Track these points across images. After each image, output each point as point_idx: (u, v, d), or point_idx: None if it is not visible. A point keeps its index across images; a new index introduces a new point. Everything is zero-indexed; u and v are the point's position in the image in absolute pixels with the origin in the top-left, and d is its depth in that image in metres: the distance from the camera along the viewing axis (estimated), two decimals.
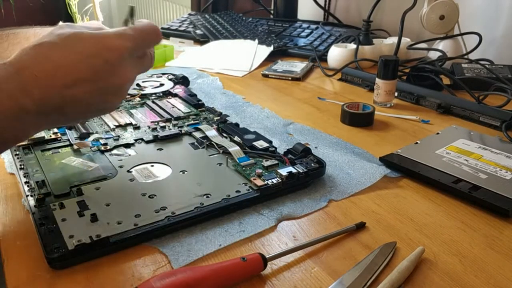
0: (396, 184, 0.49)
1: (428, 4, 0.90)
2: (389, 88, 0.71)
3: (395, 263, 0.36)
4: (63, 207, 0.41)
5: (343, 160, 0.53)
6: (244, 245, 0.39)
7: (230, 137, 0.55)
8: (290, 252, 0.37)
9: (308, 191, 0.47)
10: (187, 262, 0.37)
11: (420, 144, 0.57)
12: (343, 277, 0.35)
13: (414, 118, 0.68)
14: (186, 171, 0.49)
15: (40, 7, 2.43)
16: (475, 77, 0.78)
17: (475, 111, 0.67)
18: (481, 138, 0.58)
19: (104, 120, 0.61)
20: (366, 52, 0.92)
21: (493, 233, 0.41)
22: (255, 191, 0.44)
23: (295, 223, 0.42)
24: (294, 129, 0.63)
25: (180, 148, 0.54)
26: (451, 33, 0.91)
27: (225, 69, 0.91)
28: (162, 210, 0.41)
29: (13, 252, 0.38)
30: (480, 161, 0.51)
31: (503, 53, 0.92)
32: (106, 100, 0.40)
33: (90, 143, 0.54)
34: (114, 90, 0.40)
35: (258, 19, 1.22)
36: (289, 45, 1.05)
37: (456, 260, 0.37)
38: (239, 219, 0.42)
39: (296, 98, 0.77)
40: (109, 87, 0.39)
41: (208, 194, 0.44)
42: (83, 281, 0.35)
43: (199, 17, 1.22)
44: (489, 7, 0.93)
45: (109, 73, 0.39)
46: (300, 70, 0.89)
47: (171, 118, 0.63)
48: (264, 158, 0.50)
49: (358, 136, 0.62)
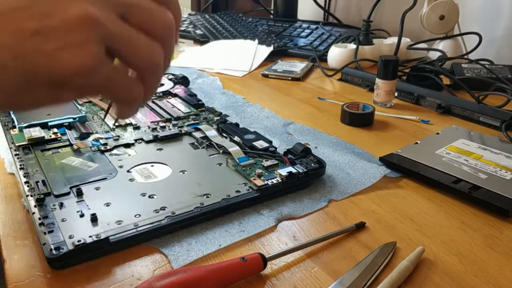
0: (396, 184, 0.49)
1: (428, 4, 0.90)
2: (389, 88, 0.71)
3: (395, 263, 0.36)
4: (63, 207, 0.41)
5: (343, 160, 0.53)
6: (244, 245, 0.39)
7: (230, 137, 0.55)
8: (290, 252, 0.37)
9: (308, 191, 0.47)
10: (187, 262, 0.37)
11: (420, 144, 0.57)
12: (343, 277, 0.35)
13: (414, 118, 0.68)
14: (186, 171, 0.49)
15: None
16: (475, 77, 0.78)
17: (475, 111, 0.67)
18: (481, 138, 0.58)
19: (104, 120, 0.61)
20: (366, 52, 0.92)
21: (493, 233, 0.41)
22: (255, 191, 0.44)
23: (295, 223, 0.42)
24: (294, 129, 0.63)
25: (180, 148, 0.54)
26: (451, 33, 0.91)
27: (225, 69, 0.91)
28: (162, 210, 0.41)
29: (13, 252, 0.38)
30: (480, 161, 0.51)
31: (503, 53, 0.92)
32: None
33: (90, 143, 0.54)
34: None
35: (258, 19, 1.22)
36: (289, 45, 1.05)
37: (456, 260, 0.37)
38: (239, 219, 0.42)
39: (296, 98, 0.77)
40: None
41: (208, 194, 0.44)
42: (83, 281, 0.35)
43: (199, 17, 1.22)
44: (489, 7, 0.93)
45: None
46: (300, 70, 0.89)
47: (171, 118, 0.63)
48: (264, 158, 0.50)
49: (358, 136, 0.62)
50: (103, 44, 0.26)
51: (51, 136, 0.55)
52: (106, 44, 0.26)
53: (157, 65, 0.29)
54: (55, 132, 0.56)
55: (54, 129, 0.57)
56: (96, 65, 0.26)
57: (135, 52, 0.28)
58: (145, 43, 0.28)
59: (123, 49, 0.27)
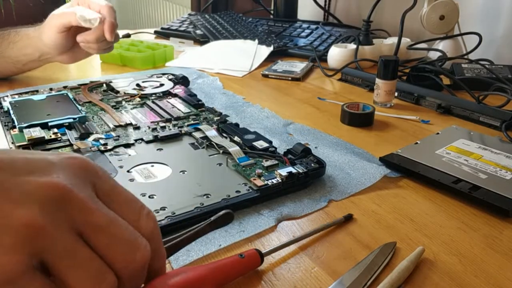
0: (396, 184, 0.49)
1: (428, 4, 0.90)
2: (389, 88, 0.71)
3: (395, 263, 0.36)
4: None
5: (343, 160, 0.53)
6: (244, 245, 0.39)
7: (230, 137, 0.55)
8: (284, 247, 0.38)
9: (308, 191, 0.47)
10: (187, 262, 0.37)
11: (420, 144, 0.57)
12: (343, 277, 0.35)
13: (414, 118, 0.68)
14: (186, 171, 0.49)
15: (40, 7, 2.43)
16: (475, 77, 0.78)
17: (475, 111, 0.67)
18: (481, 138, 0.58)
19: (104, 120, 0.61)
20: (366, 52, 0.92)
21: (493, 233, 0.41)
22: (255, 191, 0.44)
23: (295, 223, 0.42)
24: (294, 129, 0.63)
25: (180, 148, 0.54)
26: (451, 33, 0.91)
27: (225, 69, 0.91)
28: (162, 210, 0.41)
29: None
30: (480, 161, 0.51)
31: (503, 53, 0.92)
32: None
33: (90, 143, 0.54)
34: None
35: (258, 19, 1.22)
36: (289, 45, 1.05)
37: (456, 260, 0.37)
38: (239, 219, 0.42)
39: (296, 98, 0.77)
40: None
41: (208, 194, 0.44)
42: None
43: (199, 17, 1.22)
44: (489, 7, 0.94)
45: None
46: (300, 70, 0.89)
47: (171, 118, 0.63)
48: (264, 158, 0.50)
49: (358, 136, 0.62)
50: (35, 258, 0.22)
51: (51, 136, 0.55)
52: (42, 259, 0.22)
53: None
54: (55, 132, 0.56)
55: (54, 129, 0.57)
56: (14, 277, 0.22)
57: (76, 280, 0.23)
58: (94, 274, 0.23)
59: (61, 273, 0.23)
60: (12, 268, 0.21)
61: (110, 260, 0.24)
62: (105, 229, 0.24)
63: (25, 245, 0.22)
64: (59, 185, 0.23)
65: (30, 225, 0.22)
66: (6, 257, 0.21)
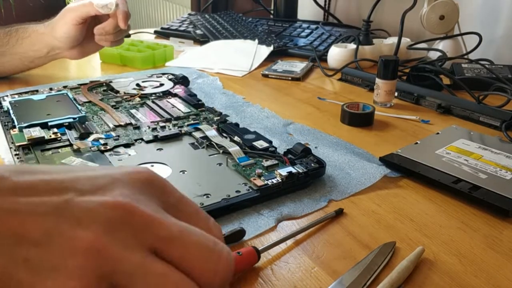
0: (396, 184, 0.49)
1: (428, 4, 0.90)
2: (389, 88, 0.71)
3: (395, 263, 0.36)
4: None
5: (343, 160, 0.53)
6: (244, 245, 0.39)
7: (230, 137, 0.55)
8: (280, 242, 0.38)
9: (308, 191, 0.47)
10: None
11: (420, 144, 0.57)
12: (343, 277, 0.35)
13: (414, 118, 0.68)
14: (186, 171, 0.49)
15: (40, 7, 2.43)
16: (475, 77, 0.78)
17: (475, 111, 0.67)
18: (481, 138, 0.58)
19: (104, 120, 0.61)
20: (366, 52, 0.92)
21: (493, 233, 0.41)
22: (255, 191, 0.44)
23: (295, 223, 0.42)
24: (294, 129, 0.63)
25: (180, 148, 0.54)
26: (451, 33, 0.91)
27: (225, 69, 0.91)
28: None
29: None
30: (480, 161, 0.51)
31: (503, 53, 0.92)
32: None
33: (90, 143, 0.54)
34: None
35: (258, 19, 1.22)
36: (289, 45, 1.05)
37: (456, 260, 0.37)
38: (239, 219, 0.42)
39: (296, 98, 0.77)
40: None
41: (208, 194, 0.44)
42: None
43: (199, 17, 1.22)
44: (489, 7, 0.94)
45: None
46: (300, 70, 0.89)
47: (171, 118, 0.63)
48: (264, 158, 0.50)
49: (358, 136, 0.62)
50: (104, 281, 0.21)
51: (51, 136, 0.55)
52: (113, 281, 0.22)
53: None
54: (55, 132, 0.56)
55: (54, 129, 0.57)
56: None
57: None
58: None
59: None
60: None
61: (190, 270, 0.23)
62: (176, 239, 0.23)
63: (91, 268, 0.21)
64: (122, 203, 0.22)
65: (95, 247, 0.21)
66: (72, 282, 0.20)
